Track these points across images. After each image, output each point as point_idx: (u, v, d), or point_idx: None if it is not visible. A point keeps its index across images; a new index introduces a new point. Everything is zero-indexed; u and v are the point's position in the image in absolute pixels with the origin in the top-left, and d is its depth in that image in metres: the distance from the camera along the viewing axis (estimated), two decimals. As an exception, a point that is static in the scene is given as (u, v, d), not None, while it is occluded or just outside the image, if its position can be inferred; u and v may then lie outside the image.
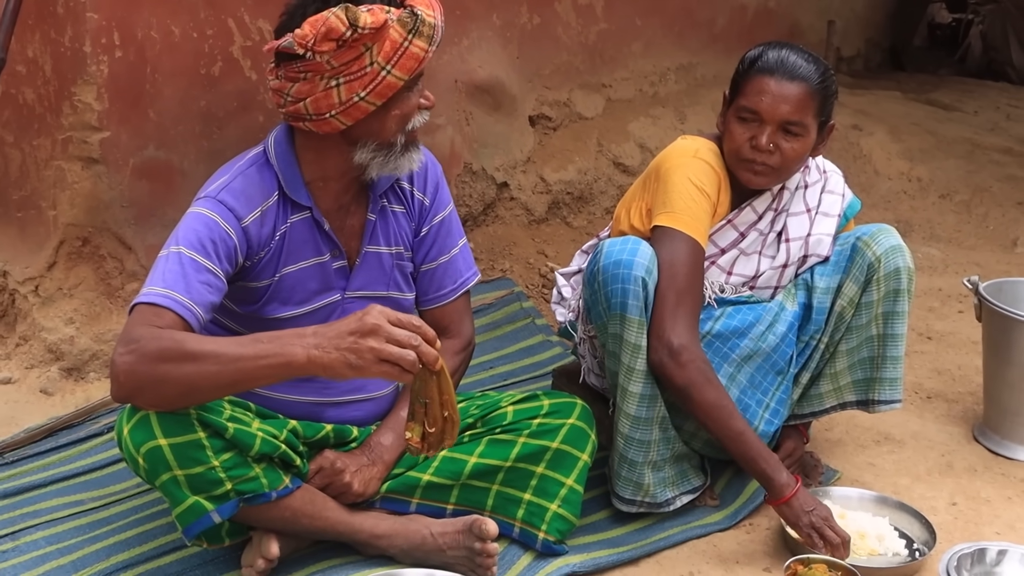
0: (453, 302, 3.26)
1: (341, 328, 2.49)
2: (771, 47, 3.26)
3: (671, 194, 3.21)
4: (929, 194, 6.64)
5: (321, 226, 2.97)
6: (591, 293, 3.18)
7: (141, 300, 2.66)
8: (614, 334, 3.14)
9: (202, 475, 2.67)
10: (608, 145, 5.74)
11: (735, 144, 3.24)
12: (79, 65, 3.64)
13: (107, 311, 3.89)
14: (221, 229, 2.80)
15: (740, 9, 7.09)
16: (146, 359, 2.52)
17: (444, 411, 2.55)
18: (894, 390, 3.45)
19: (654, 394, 3.18)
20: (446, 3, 4.60)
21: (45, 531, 3.16)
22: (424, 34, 2.75)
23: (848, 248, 3.40)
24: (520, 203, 5.25)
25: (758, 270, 3.39)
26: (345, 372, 2.47)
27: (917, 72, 9.62)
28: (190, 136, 3.89)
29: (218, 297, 2.77)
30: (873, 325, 3.39)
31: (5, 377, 3.89)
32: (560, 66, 5.60)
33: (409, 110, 2.87)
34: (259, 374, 2.53)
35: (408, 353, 2.44)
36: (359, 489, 3.00)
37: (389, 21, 2.71)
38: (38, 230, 3.94)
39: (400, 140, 2.88)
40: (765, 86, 3.19)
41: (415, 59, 2.76)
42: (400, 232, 3.13)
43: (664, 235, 3.18)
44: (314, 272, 3.01)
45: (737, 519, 3.36)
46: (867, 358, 3.43)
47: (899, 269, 3.34)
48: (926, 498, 3.54)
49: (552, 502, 3.09)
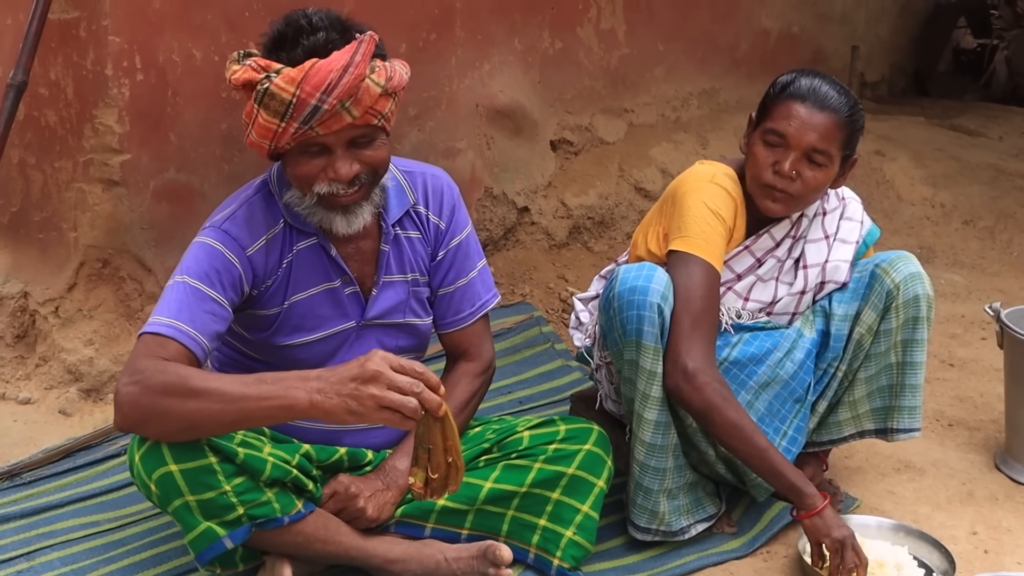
0: (472, 325, 3.25)
1: (343, 374, 2.47)
2: (804, 74, 3.25)
3: (686, 219, 3.20)
4: (952, 220, 6.61)
5: (328, 252, 2.97)
6: (607, 319, 3.17)
7: (147, 330, 2.68)
8: (630, 360, 3.13)
9: (214, 500, 2.67)
10: (629, 170, 5.73)
11: (757, 168, 3.23)
12: (101, 88, 3.66)
13: (126, 332, 3.90)
14: (225, 259, 2.81)
15: (763, 34, 7.09)
16: (150, 392, 2.53)
17: (448, 457, 2.52)
18: (913, 419, 3.43)
19: (668, 421, 3.17)
20: (467, 28, 4.71)
21: (60, 552, 3.16)
22: (271, 108, 2.65)
23: (867, 275, 3.38)
24: (541, 228, 5.24)
25: (775, 296, 3.37)
26: (346, 418, 2.46)
27: (941, 97, 9.57)
28: (210, 159, 3.91)
29: (223, 326, 2.78)
30: (892, 353, 3.37)
31: (24, 397, 3.90)
32: (582, 91, 5.60)
33: (302, 174, 2.77)
34: (261, 415, 2.53)
35: (410, 400, 2.42)
36: (373, 514, 2.99)
37: (255, 81, 2.65)
38: (59, 251, 3.96)
39: (310, 198, 2.81)
40: (795, 111, 3.18)
41: (265, 130, 2.68)
42: (416, 258, 3.12)
43: (679, 260, 3.17)
44: (324, 299, 3.00)
45: (754, 547, 3.34)
46: (886, 386, 3.41)
47: (918, 297, 3.32)
48: (946, 527, 3.51)
49: (567, 528, 3.08)
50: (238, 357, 3.09)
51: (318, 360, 3.02)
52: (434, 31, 4.61)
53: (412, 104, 4.58)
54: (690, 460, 3.32)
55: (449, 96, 4.75)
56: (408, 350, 3.17)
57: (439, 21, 4.64)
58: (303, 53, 2.66)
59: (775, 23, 7.20)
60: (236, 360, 3.09)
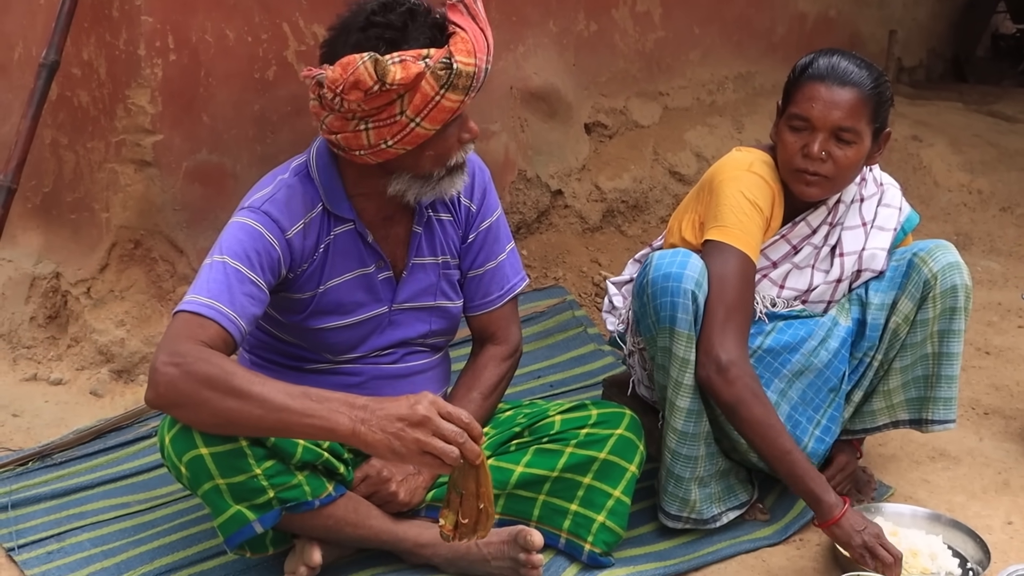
0: (500, 308, 3.23)
1: (391, 411, 2.45)
2: (822, 54, 3.22)
3: (723, 208, 3.17)
4: (990, 207, 6.56)
5: (364, 238, 2.96)
6: (640, 305, 3.15)
7: (185, 308, 2.65)
8: (663, 347, 3.10)
9: (244, 484, 2.66)
10: (664, 154, 5.70)
11: (787, 153, 3.19)
12: (133, 68, 3.66)
13: (158, 314, 3.90)
14: (265, 240, 2.79)
15: (799, 18, 7.04)
16: (190, 378, 2.50)
17: (480, 503, 2.52)
18: (948, 410, 3.40)
19: (700, 409, 3.14)
20: (502, 10, 4.68)
21: (91, 533, 3.17)
22: (459, 87, 2.66)
23: (904, 264, 3.35)
24: (574, 211, 5.22)
25: (811, 284, 3.34)
26: (386, 455, 2.47)
27: (979, 83, 9.51)
28: (243, 140, 3.90)
29: (260, 309, 2.76)
30: (928, 343, 3.33)
31: (56, 378, 3.91)
32: (617, 73, 5.57)
33: (446, 150, 2.80)
34: (300, 430, 2.52)
35: (452, 450, 2.42)
36: (405, 498, 2.98)
37: (424, 73, 2.62)
38: (91, 232, 3.96)
39: (438, 173, 2.84)
40: (816, 92, 3.14)
41: (447, 111, 2.69)
42: (447, 240, 3.11)
43: (715, 249, 3.14)
44: (358, 284, 2.99)
45: (787, 534, 3.31)
46: (921, 376, 3.38)
47: (956, 287, 3.28)
48: (981, 516, 3.48)
49: (599, 513, 3.06)
50: (270, 340, 3.08)
51: (350, 344, 3.03)
52: (468, 13, 4.58)
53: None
54: (722, 447, 3.29)
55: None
56: (439, 333, 3.17)
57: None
58: (434, 30, 2.70)
59: (812, 6, 7.15)
60: (268, 343, 3.09)
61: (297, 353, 3.06)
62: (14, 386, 3.94)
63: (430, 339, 3.15)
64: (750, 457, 3.31)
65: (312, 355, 3.05)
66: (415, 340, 3.12)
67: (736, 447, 3.29)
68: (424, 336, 3.13)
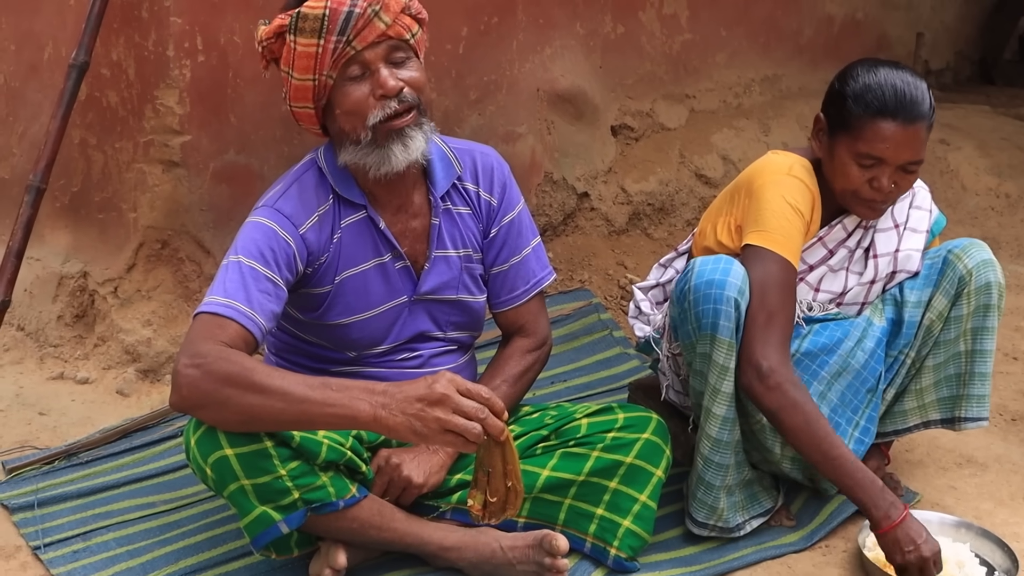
0: (527, 303, 3.23)
1: (410, 392, 2.47)
2: (880, 77, 3.11)
3: (764, 212, 3.14)
4: (1018, 210, 6.52)
5: (376, 224, 2.97)
6: (680, 311, 3.12)
7: (204, 310, 2.67)
8: (702, 354, 3.08)
9: (269, 484, 2.67)
10: (690, 156, 5.69)
11: (853, 184, 3.14)
12: (162, 69, 3.67)
13: (184, 314, 3.91)
14: (280, 237, 2.81)
15: (827, 20, 7.01)
16: (211, 378, 2.52)
17: (508, 481, 2.52)
18: (982, 407, 3.38)
19: (735, 418, 3.13)
20: (529, 13, 4.68)
21: (116, 532, 3.18)
22: (306, 30, 2.71)
23: (939, 261, 3.34)
24: (600, 213, 5.21)
25: (845, 286, 3.33)
26: (409, 437, 2.47)
27: (1007, 86, 9.44)
28: (270, 141, 3.91)
29: (279, 306, 2.78)
30: (961, 341, 3.33)
31: (83, 377, 3.92)
32: (643, 76, 5.56)
33: (351, 106, 2.79)
34: (322, 421, 2.53)
35: (474, 426, 2.42)
36: (420, 480, 2.97)
37: (284, 27, 2.74)
38: (118, 232, 3.97)
39: (364, 136, 2.82)
40: (887, 132, 3.07)
41: (307, 57, 2.73)
42: (468, 234, 3.12)
43: (756, 254, 3.11)
44: (374, 275, 3.00)
45: (813, 540, 3.30)
46: (953, 375, 3.37)
47: (990, 284, 3.27)
48: (1009, 524, 3.45)
49: (625, 518, 3.05)
50: (293, 341, 3.09)
51: (371, 340, 3.04)
52: (496, 15, 4.58)
53: (473, 88, 4.56)
54: (751, 459, 3.28)
55: (510, 80, 4.73)
56: (462, 327, 3.18)
57: (501, 4, 4.61)
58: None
59: (839, 9, 7.12)
60: (292, 345, 3.10)
61: (322, 354, 3.07)
62: (41, 384, 3.95)
63: (452, 332, 3.15)
64: (783, 466, 3.30)
65: (337, 355, 3.06)
66: (437, 334, 3.13)
67: (768, 457, 3.27)
68: (444, 328, 3.13)
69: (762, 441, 3.22)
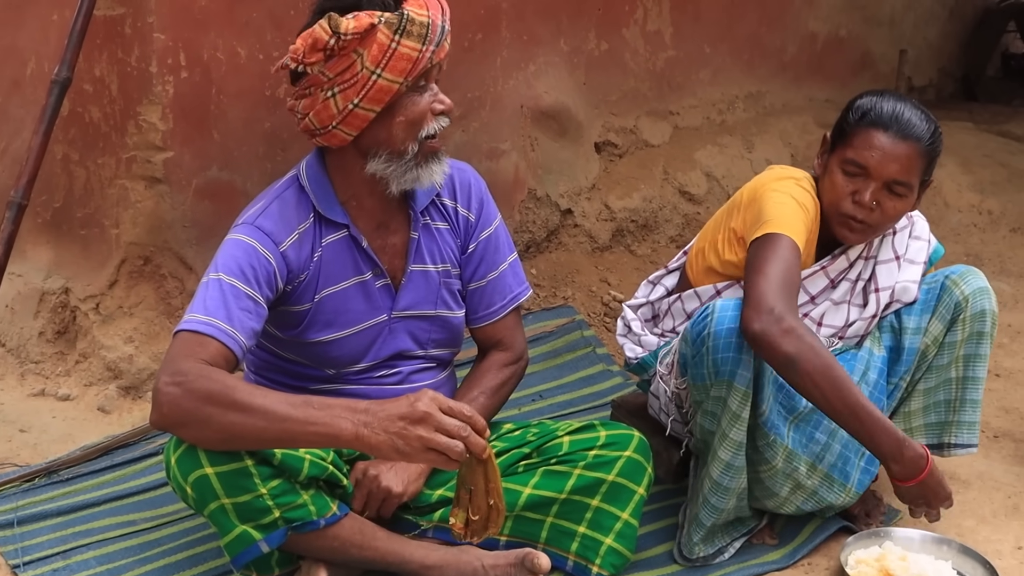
0: (503, 318, 3.24)
1: (392, 411, 2.46)
2: (885, 98, 3.15)
3: (767, 208, 3.10)
4: (1000, 227, 6.55)
5: (359, 243, 2.97)
6: (696, 353, 3.07)
7: (184, 328, 2.67)
8: (716, 397, 3.05)
9: (250, 503, 2.66)
10: (674, 173, 5.70)
11: (836, 196, 3.15)
12: (145, 85, 3.66)
13: (166, 330, 3.90)
14: (260, 255, 2.81)
15: (810, 38, 7.04)
16: (192, 396, 2.51)
17: (490, 499, 2.53)
18: (972, 434, 3.41)
19: (742, 467, 3.11)
20: (513, 29, 4.69)
21: (96, 551, 3.16)
22: (413, 33, 2.73)
23: (937, 287, 3.35)
24: (584, 230, 5.21)
25: (847, 320, 3.32)
26: (391, 455, 2.47)
27: (990, 103, 9.49)
28: (253, 157, 3.90)
29: (259, 324, 2.77)
30: (953, 367, 3.34)
31: (64, 394, 3.91)
32: (627, 93, 5.57)
33: (416, 116, 2.84)
34: (304, 439, 2.52)
35: (456, 444, 2.42)
36: (399, 489, 2.97)
37: (377, 24, 2.71)
38: (101, 248, 3.96)
39: (412, 148, 2.85)
40: (876, 141, 3.09)
41: (406, 60, 2.74)
42: (446, 249, 3.12)
43: (764, 240, 3.02)
44: (355, 293, 3.00)
45: (795, 558, 3.30)
46: (943, 401, 3.39)
47: (985, 311, 3.30)
48: (991, 541, 3.46)
49: (607, 536, 3.05)
50: (272, 359, 3.09)
51: (351, 357, 3.04)
52: (480, 31, 4.58)
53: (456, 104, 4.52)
54: (753, 502, 3.27)
55: (494, 97, 4.73)
56: (442, 344, 3.18)
57: (485, 21, 4.61)
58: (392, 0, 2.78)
59: (823, 26, 7.15)
60: (271, 363, 3.09)
61: (301, 371, 3.06)
62: (22, 401, 3.94)
63: (433, 350, 3.15)
64: (785, 508, 3.29)
65: (316, 372, 3.05)
66: (417, 352, 3.13)
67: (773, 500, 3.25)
68: (424, 345, 3.13)
69: (770, 487, 3.20)
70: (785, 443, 3.11)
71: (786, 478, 3.18)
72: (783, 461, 3.13)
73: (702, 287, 3.36)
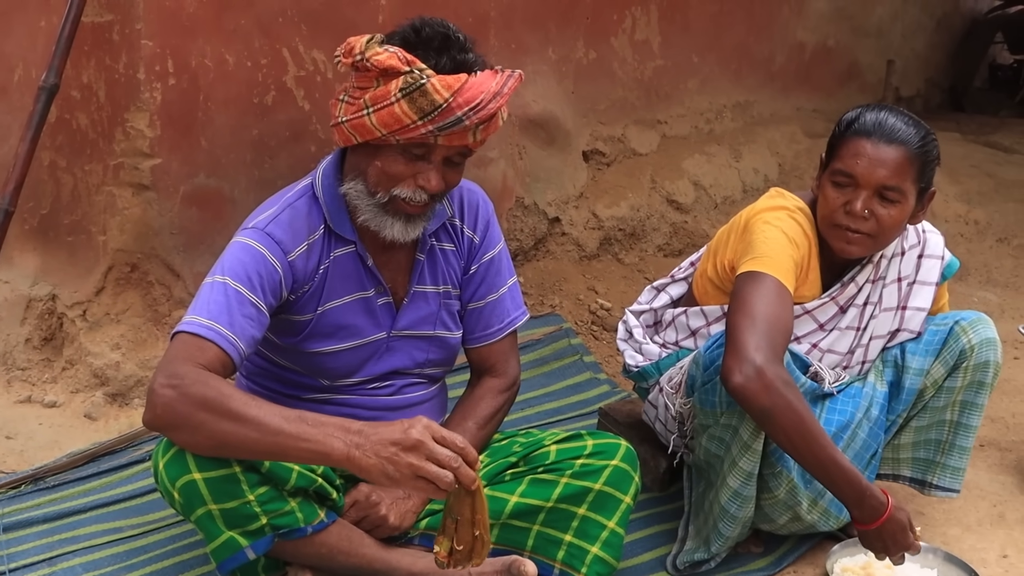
0: (499, 342, 3.22)
1: (385, 435, 2.45)
2: (869, 109, 3.15)
3: (756, 242, 3.09)
4: (987, 237, 6.56)
5: (364, 261, 2.96)
6: (707, 380, 3.07)
7: (184, 329, 2.65)
8: (727, 425, 3.06)
9: (237, 509, 2.66)
10: (662, 182, 5.71)
11: (829, 208, 3.13)
12: (132, 92, 3.66)
13: (153, 337, 3.89)
14: (268, 262, 2.79)
15: (798, 48, 7.06)
16: (187, 400, 2.50)
17: (475, 530, 2.52)
18: (955, 479, 3.42)
19: (749, 496, 3.11)
20: (502, 37, 4.70)
21: (82, 558, 3.15)
22: (416, 102, 2.66)
23: (945, 330, 3.32)
24: (571, 238, 5.22)
25: (852, 345, 3.31)
26: (380, 480, 2.46)
27: (977, 113, 9.53)
28: (241, 165, 3.90)
29: (260, 332, 2.76)
30: (949, 410, 3.35)
31: (50, 401, 3.90)
32: (615, 101, 5.58)
33: (393, 172, 2.78)
34: (295, 454, 2.50)
35: (446, 474, 2.41)
36: (395, 522, 2.97)
37: (399, 72, 2.67)
38: (88, 255, 3.96)
39: (380, 197, 2.82)
40: (861, 149, 3.07)
41: (395, 119, 2.68)
42: (449, 270, 3.11)
43: (747, 277, 3.03)
44: (357, 308, 2.99)
45: (781, 566, 3.31)
46: (934, 440, 3.40)
47: (988, 362, 3.29)
48: (976, 550, 3.47)
49: (593, 544, 3.04)
50: (267, 366, 3.07)
51: (347, 370, 3.03)
52: (468, 40, 4.58)
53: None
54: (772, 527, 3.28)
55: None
56: (436, 363, 3.17)
57: (473, 30, 4.56)
58: (451, 65, 2.72)
59: (811, 36, 7.17)
60: (265, 369, 3.08)
61: (294, 380, 3.05)
62: (8, 408, 3.92)
63: (427, 369, 3.15)
64: (780, 532, 3.32)
65: (309, 381, 3.05)
66: (412, 370, 3.12)
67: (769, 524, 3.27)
68: (421, 366, 3.12)
69: (769, 514, 3.21)
70: (791, 476, 3.10)
71: (787, 509, 3.18)
72: (786, 493, 3.13)
73: (709, 307, 3.35)
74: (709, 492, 3.20)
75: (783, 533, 3.32)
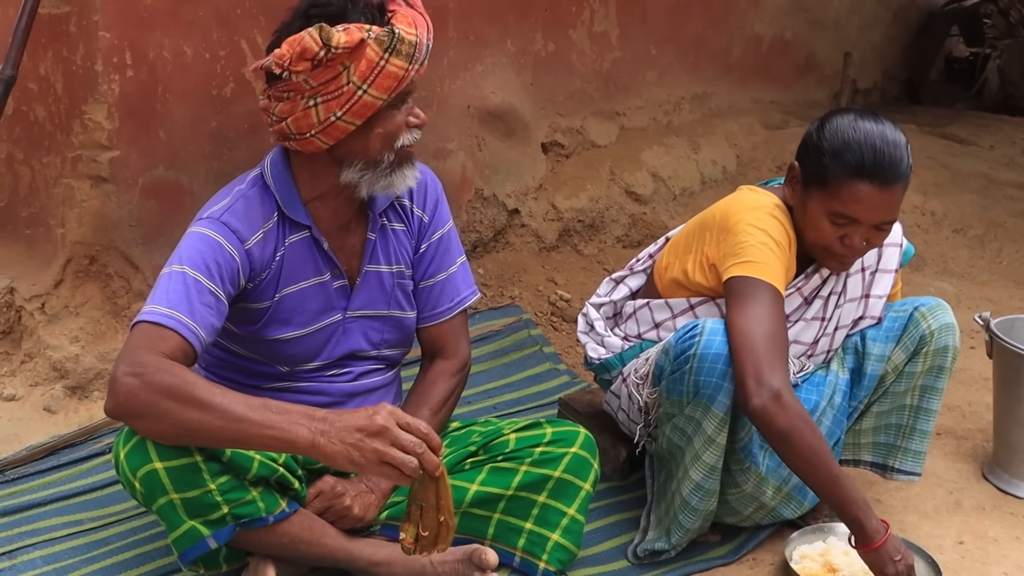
0: (450, 320, 3.24)
1: (349, 422, 2.47)
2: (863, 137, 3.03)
3: (745, 245, 3.06)
4: (943, 228, 6.61)
5: (320, 245, 2.97)
6: (676, 370, 3.08)
7: (145, 319, 2.65)
8: (691, 417, 3.08)
9: (198, 499, 2.66)
10: (621, 174, 5.72)
11: (823, 239, 3.11)
12: (90, 84, 3.64)
13: (113, 330, 3.88)
14: (226, 251, 2.79)
15: (756, 40, 7.08)
16: (151, 389, 2.50)
17: (440, 516, 2.54)
18: (917, 463, 3.46)
19: (712, 490, 3.14)
20: (460, 29, 4.70)
21: (43, 551, 3.14)
22: (402, 52, 2.73)
23: (905, 316, 3.36)
24: (531, 230, 5.23)
25: (816, 335, 3.32)
26: (345, 466, 2.47)
27: (933, 106, 9.58)
28: (200, 157, 3.89)
29: (219, 320, 2.76)
30: (909, 395, 3.39)
31: (9, 394, 3.88)
32: (574, 93, 5.59)
33: (394, 128, 2.85)
34: (260, 442, 2.51)
35: (411, 460, 2.43)
36: (360, 513, 2.98)
37: (366, 40, 2.70)
38: (46, 248, 3.94)
39: (388, 158, 2.87)
40: (862, 194, 3.02)
41: (393, 78, 2.74)
42: (401, 250, 3.13)
43: (744, 284, 3.02)
44: (314, 292, 3.00)
45: (740, 554, 3.33)
46: (895, 425, 3.43)
47: (947, 347, 3.33)
48: (933, 536, 3.51)
49: (553, 532, 3.07)
50: (226, 356, 3.08)
51: (306, 356, 3.04)
52: (426, 31, 4.58)
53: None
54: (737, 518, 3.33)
55: (440, 97, 4.73)
56: (394, 344, 3.19)
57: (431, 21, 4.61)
58: (376, 11, 2.81)
59: (768, 28, 7.20)
60: (224, 360, 3.08)
61: (254, 369, 3.06)
62: (-34, 402, 3.91)
63: (384, 350, 3.16)
64: (745, 523, 3.36)
65: (269, 369, 3.05)
66: (370, 353, 3.13)
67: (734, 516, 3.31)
68: (378, 347, 3.13)
69: (735, 506, 3.25)
70: (760, 470, 3.14)
71: (752, 500, 3.22)
72: (753, 486, 3.17)
73: (674, 299, 3.34)
74: (670, 482, 3.22)
75: (746, 524, 3.35)
